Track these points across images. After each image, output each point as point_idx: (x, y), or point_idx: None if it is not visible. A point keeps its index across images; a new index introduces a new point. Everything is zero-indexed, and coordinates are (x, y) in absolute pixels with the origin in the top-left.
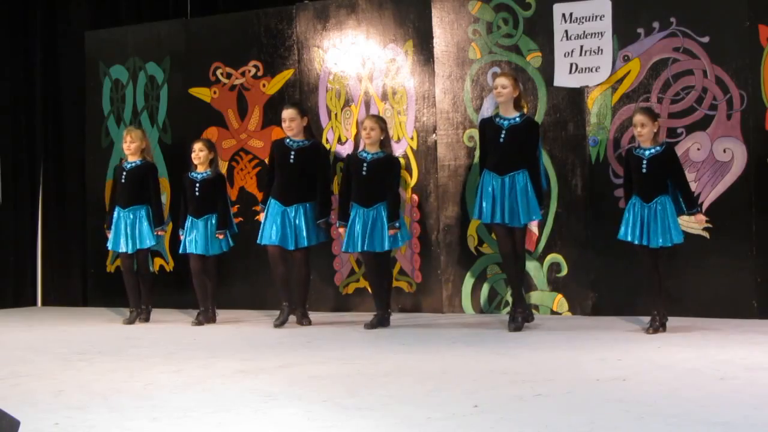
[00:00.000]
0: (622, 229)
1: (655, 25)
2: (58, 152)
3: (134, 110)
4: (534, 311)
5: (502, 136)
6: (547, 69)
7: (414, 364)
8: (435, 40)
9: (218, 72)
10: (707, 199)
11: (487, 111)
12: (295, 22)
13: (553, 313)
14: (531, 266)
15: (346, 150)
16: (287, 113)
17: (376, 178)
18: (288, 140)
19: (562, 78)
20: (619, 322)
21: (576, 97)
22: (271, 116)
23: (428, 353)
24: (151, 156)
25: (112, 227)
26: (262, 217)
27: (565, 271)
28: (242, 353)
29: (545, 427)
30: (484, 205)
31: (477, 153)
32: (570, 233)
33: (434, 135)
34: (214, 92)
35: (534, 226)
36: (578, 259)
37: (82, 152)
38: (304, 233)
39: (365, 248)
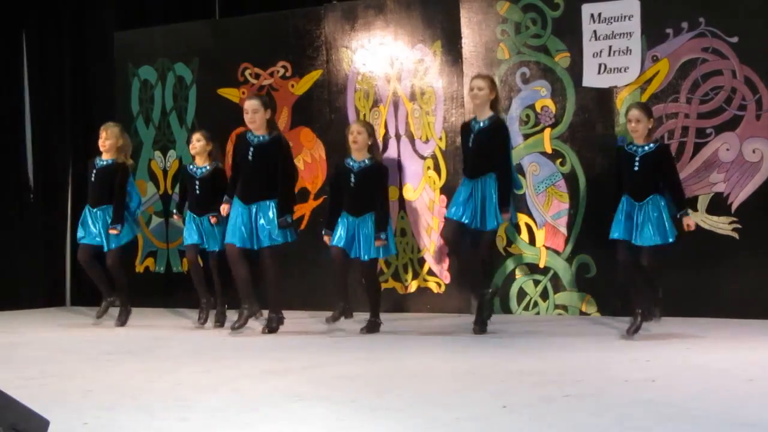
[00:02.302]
0: (613, 228)
1: (684, 25)
2: (87, 153)
3: (163, 111)
4: (562, 312)
5: (471, 140)
6: (576, 69)
7: (441, 365)
8: (463, 41)
9: (247, 72)
10: (736, 200)
11: (515, 111)
12: (323, 22)
13: (581, 313)
14: (560, 266)
15: None
16: (249, 104)
17: (364, 188)
18: (249, 135)
19: (591, 78)
20: (648, 323)
21: (605, 97)
22: (300, 117)
23: (456, 353)
24: (128, 155)
25: (81, 222)
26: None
27: (593, 272)
28: (270, 353)
29: (574, 428)
30: (453, 207)
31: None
32: (599, 234)
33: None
34: (243, 93)
35: (562, 227)
36: (607, 260)
37: None
38: (267, 232)
39: (352, 254)
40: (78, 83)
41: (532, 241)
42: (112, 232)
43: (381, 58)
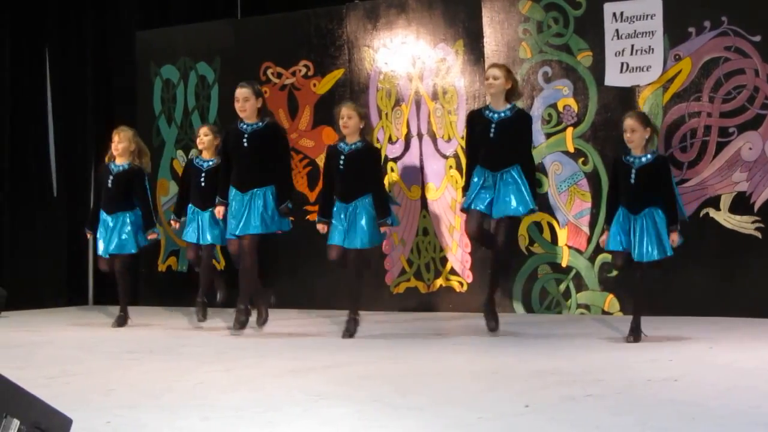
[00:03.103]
0: (609, 240)
1: (706, 24)
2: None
3: (185, 110)
4: (584, 311)
5: (492, 130)
6: (598, 68)
7: (464, 364)
8: (485, 40)
9: (269, 72)
10: (759, 199)
11: (537, 110)
12: (345, 21)
13: (604, 312)
14: (582, 266)
15: (396, 150)
16: (240, 92)
17: (355, 171)
18: (241, 124)
19: (613, 77)
20: (670, 322)
21: (627, 96)
22: (322, 116)
23: (478, 353)
24: (140, 159)
25: (98, 231)
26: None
27: (616, 271)
28: (292, 353)
29: (596, 428)
30: (473, 195)
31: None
32: None
33: None
34: (265, 92)
35: (585, 226)
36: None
37: None
38: (261, 219)
39: (344, 244)
40: (100, 83)
41: (554, 240)
42: (152, 237)
43: (403, 57)
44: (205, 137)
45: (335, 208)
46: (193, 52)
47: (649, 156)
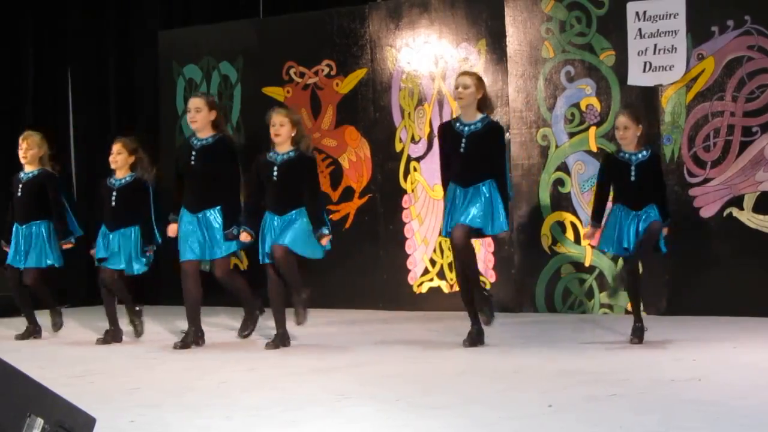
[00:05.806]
0: (603, 241)
1: (730, 23)
2: None
3: None
4: (607, 311)
5: (463, 144)
6: (621, 68)
7: (487, 364)
8: (508, 39)
9: (291, 71)
10: None
11: (560, 110)
12: (367, 21)
13: (627, 312)
14: (605, 266)
15: (419, 150)
16: (192, 102)
17: (289, 182)
18: (193, 139)
19: (636, 77)
20: (694, 322)
21: (650, 95)
22: (345, 115)
23: (501, 353)
24: (51, 164)
25: (11, 242)
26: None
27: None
28: (315, 352)
29: (619, 427)
30: (450, 220)
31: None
32: None
33: (507, 134)
34: (288, 91)
35: None
36: (652, 259)
37: (157, 151)
38: (218, 242)
39: (278, 241)
40: (123, 82)
41: (577, 239)
42: (67, 246)
43: (425, 56)
44: (118, 156)
45: (266, 221)
46: (216, 52)
47: (644, 152)
